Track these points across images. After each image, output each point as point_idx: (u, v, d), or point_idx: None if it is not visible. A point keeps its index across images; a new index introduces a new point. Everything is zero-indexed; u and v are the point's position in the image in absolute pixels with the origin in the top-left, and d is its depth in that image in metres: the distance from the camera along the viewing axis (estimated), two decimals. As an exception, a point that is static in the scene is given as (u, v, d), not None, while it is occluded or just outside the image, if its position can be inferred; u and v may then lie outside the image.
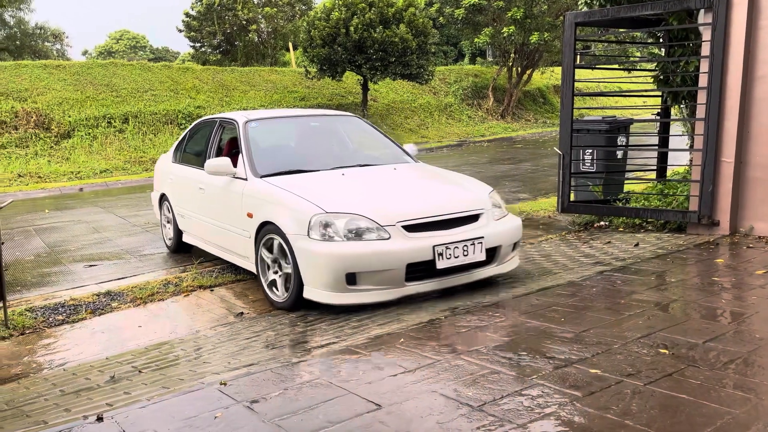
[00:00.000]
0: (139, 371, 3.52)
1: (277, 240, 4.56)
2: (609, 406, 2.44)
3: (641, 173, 7.85)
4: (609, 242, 5.87)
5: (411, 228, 4.31)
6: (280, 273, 4.65)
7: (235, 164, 5.32)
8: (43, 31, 32.07)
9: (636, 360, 2.91)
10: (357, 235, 4.23)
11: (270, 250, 4.68)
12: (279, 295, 4.65)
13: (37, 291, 5.52)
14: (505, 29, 21.26)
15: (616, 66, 12.92)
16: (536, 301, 4.03)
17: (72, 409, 2.93)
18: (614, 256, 5.26)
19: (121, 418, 2.60)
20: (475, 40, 23.24)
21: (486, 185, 5.16)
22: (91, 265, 6.34)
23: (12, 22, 28.87)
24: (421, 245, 4.24)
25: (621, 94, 6.88)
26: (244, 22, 27.26)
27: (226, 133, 5.97)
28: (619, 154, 7.38)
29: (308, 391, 2.77)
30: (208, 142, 6.03)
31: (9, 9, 26.42)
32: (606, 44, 14.99)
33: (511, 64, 23.81)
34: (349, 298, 4.21)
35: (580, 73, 6.48)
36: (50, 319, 4.71)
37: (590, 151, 7.21)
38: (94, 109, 16.63)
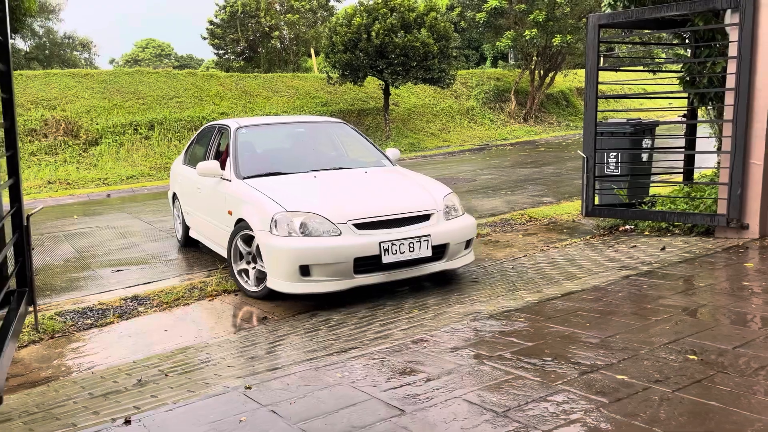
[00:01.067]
0: (166, 375, 3.56)
1: (250, 234, 5.09)
2: (636, 413, 2.41)
3: (667, 176, 7.74)
4: (634, 246, 5.79)
5: (361, 226, 4.77)
6: (254, 266, 5.19)
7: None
8: (71, 40, 32.75)
9: (664, 366, 2.87)
10: (311, 231, 4.73)
11: (247, 243, 5.21)
12: (250, 284, 5.22)
13: (66, 295, 5.63)
14: (527, 32, 21.14)
15: (640, 68, 12.76)
16: (561, 306, 3.99)
17: (100, 411, 2.98)
18: (640, 260, 5.19)
19: (149, 421, 2.64)
20: (497, 43, 23.15)
21: (445, 188, 5.54)
22: (118, 270, 6.45)
23: (41, 32, 29.54)
24: (368, 241, 4.69)
25: (646, 96, 6.80)
26: (267, 29, 27.53)
27: (224, 138, 6.40)
28: (645, 156, 7.28)
29: (332, 395, 2.78)
30: (209, 145, 6.60)
31: (38, 19, 27.04)
32: (630, 46, 14.83)
33: (533, 67, 23.66)
34: (303, 288, 4.71)
35: (603, 75, 6.41)
36: (79, 323, 4.80)
37: (614, 153, 7.13)
38: (121, 116, 16.93)
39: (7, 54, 2.97)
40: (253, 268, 5.20)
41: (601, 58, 6.84)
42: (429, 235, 4.89)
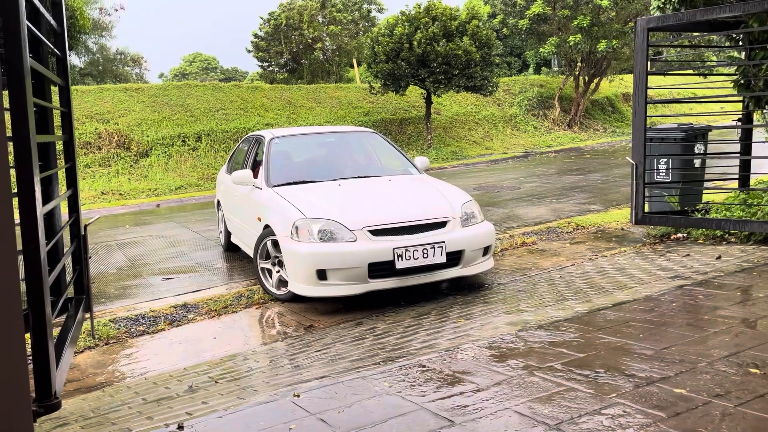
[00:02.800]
0: (215, 381, 3.62)
1: (275, 239, 5.30)
2: (697, 429, 2.32)
3: (721, 182, 7.48)
4: (688, 255, 5.61)
5: (376, 232, 4.93)
6: (278, 269, 5.40)
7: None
8: (123, 56, 33.91)
9: (724, 380, 2.75)
10: (328, 237, 4.93)
11: (275, 248, 5.40)
12: (273, 286, 5.45)
13: (119, 303, 5.79)
14: (571, 38, 20.85)
15: (690, 71, 12.42)
16: (612, 316, 3.89)
17: (154, 417, 3.05)
18: (694, 269, 5.02)
19: (200, 427, 2.68)
20: (540, 50, 22.90)
21: (465, 196, 5.66)
22: (168, 278, 6.60)
23: (95, 49, 30.69)
24: (382, 247, 4.85)
25: (697, 100, 6.60)
26: (310, 41, 27.94)
27: (260, 148, 6.62)
28: (697, 162, 7.06)
29: (380, 405, 2.77)
30: (247, 155, 6.88)
31: (92, 36, 28.12)
32: (678, 49, 14.46)
33: (577, 73, 23.30)
34: (320, 291, 4.91)
35: (651, 80, 6.26)
36: (132, 329, 4.92)
37: (665, 160, 6.94)
38: (170, 128, 17.41)
39: (65, 69, 3.08)
40: (277, 272, 5.41)
41: (650, 62, 6.67)
42: (443, 242, 4.99)
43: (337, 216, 5.01)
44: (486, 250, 5.36)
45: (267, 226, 5.48)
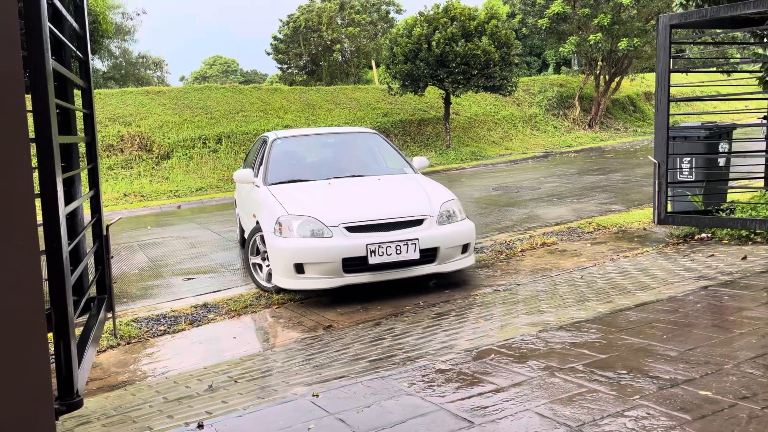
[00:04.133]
0: (235, 381, 3.63)
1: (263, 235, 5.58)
2: None
3: (747, 181, 7.35)
4: (712, 255, 5.51)
5: (352, 229, 5.16)
6: (267, 263, 5.61)
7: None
8: (145, 59, 34.35)
9: (751, 382, 2.69)
10: (306, 233, 5.18)
11: (263, 241, 5.63)
12: (263, 279, 5.71)
13: (141, 303, 5.85)
14: (591, 37, 20.63)
15: (713, 69, 12.22)
16: (634, 317, 3.83)
17: (174, 415, 3.07)
18: (719, 270, 4.93)
19: (220, 426, 2.69)
20: (560, 49, 22.70)
21: (448, 195, 5.78)
22: (189, 279, 6.66)
23: (117, 53, 31.12)
24: (355, 243, 5.07)
25: (721, 98, 6.48)
26: (329, 43, 28.03)
27: (266, 148, 6.87)
28: (721, 161, 6.94)
29: (399, 405, 2.75)
30: (257, 155, 7.06)
31: (114, 40, 28.52)
32: (701, 47, 14.24)
33: (598, 72, 23.05)
34: (298, 284, 5.18)
35: (673, 78, 6.16)
36: (153, 329, 4.97)
37: (688, 159, 6.82)
38: (191, 131, 17.58)
39: (88, 73, 3.12)
40: (267, 266, 5.64)
41: (672, 60, 6.57)
42: (417, 239, 5.17)
43: (316, 213, 5.26)
44: (465, 248, 5.53)
45: (258, 222, 5.80)
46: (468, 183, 13.68)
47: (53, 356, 2.06)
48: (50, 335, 2.00)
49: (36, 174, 1.88)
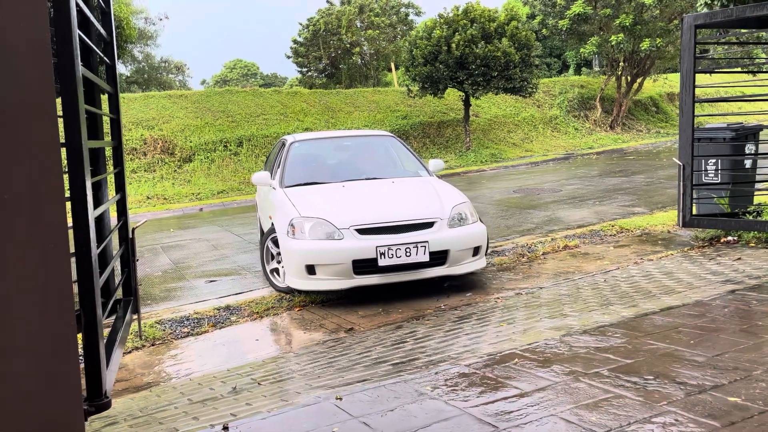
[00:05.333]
0: (258, 383, 3.65)
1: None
2: (753, 439, 2.23)
3: (774, 183, 7.21)
4: (739, 258, 5.41)
5: (362, 231, 5.22)
6: (283, 265, 5.64)
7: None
8: (167, 64, 34.78)
9: (781, 388, 2.64)
10: (318, 235, 5.24)
11: (277, 243, 5.70)
12: (280, 281, 5.77)
13: (165, 305, 5.91)
14: (613, 37, 20.43)
15: (738, 69, 12.01)
16: (660, 322, 3.78)
17: (200, 417, 3.09)
18: (746, 273, 4.84)
19: (245, 428, 2.71)
20: (581, 50, 22.51)
21: (460, 198, 5.79)
22: (211, 281, 6.71)
23: (140, 57, 31.55)
24: (365, 245, 5.12)
25: (747, 98, 6.37)
26: (348, 46, 28.13)
27: (285, 151, 6.98)
28: (748, 163, 6.81)
29: (423, 409, 2.74)
30: (276, 157, 7.13)
31: (138, 45, 28.92)
32: (726, 47, 14.03)
33: (620, 72, 22.81)
34: (309, 285, 5.26)
35: (698, 79, 6.07)
36: (177, 331, 5.02)
37: (714, 160, 6.72)
38: (212, 134, 17.74)
39: (114, 78, 3.16)
40: (283, 267, 5.69)
41: (696, 61, 6.48)
42: (427, 242, 5.19)
43: (328, 215, 5.33)
44: (476, 251, 5.53)
45: (273, 224, 5.89)
46: (488, 185, 13.62)
47: (82, 357, 2.08)
48: (79, 337, 2.03)
49: (66, 177, 1.91)
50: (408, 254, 5.14)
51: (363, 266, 5.13)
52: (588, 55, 23.07)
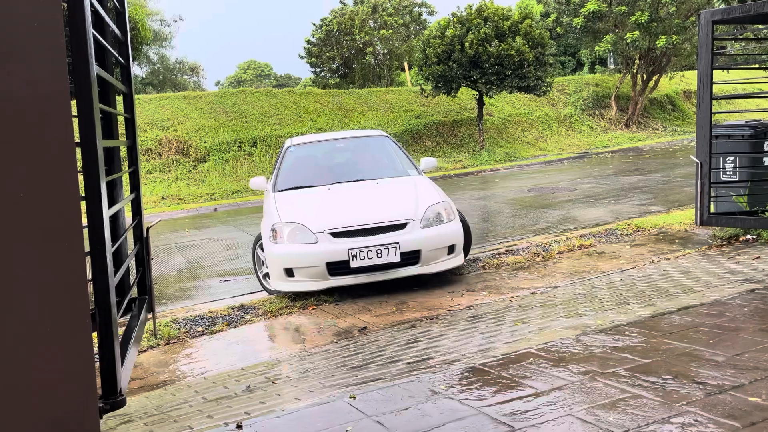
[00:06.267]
0: (272, 382, 3.66)
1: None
2: (774, 440, 2.19)
3: (794, 181, 7.08)
4: (758, 257, 5.33)
5: (336, 234, 5.41)
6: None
7: None
8: (182, 65, 35.03)
9: (803, 389, 2.59)
10: (295, 239, 5.45)
11: (262, 248, 5.90)
12: (269, 284, 5.87)
13: (179, 304, 5.95)
14: (628, 35, 20.25)
15: (756, 66, 11.84)
16: (678, 321, 3.73)
17: (214, 415, 3.10)
18: (766, 272, 4.77)
19: (259, 427, 2.71)
20: (596, 48, 22.34)
21: (436, 198, 5.82)
22: (225, 280, 6.74)
23: (155, 59, 31.80)
24: (338, 248, 5.32)
25: (766, 95, 6.27)
26: (361, 46, 28.15)
27: (281, 155, 7.12)
28: (767, 160, 6.71)
29: (437, 409, 2.73)
30: (278, 160, 7.17)
31: (153, 47, 29.15)
32: (744, 43, 13.84)
33: (635, 70, 22.60)
34: (288, 287, 5.48)
35: (715, 76, 5.99)
36: (191, 330, 5.05)
37: (732, 158, 6.62)
38: (226, 134, 17.84)
39: (129, 77, 3.18)
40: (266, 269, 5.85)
41: (714, 57, 6.39)
42: (398, 243, 5.35)
43: (305, 220, 5.53)
44: (451, 249, 5.63)
45: (262, 228, 6.06)
46: (502, 184, 13.55)
47: (97, 356, 2.09)
48: (94, 335, 2.04)
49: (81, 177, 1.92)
50: (379, 255, 5.31)
51: (337, 268, 5.33)
52: (603, 53, 22.90)
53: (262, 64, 54.74)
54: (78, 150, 1.94)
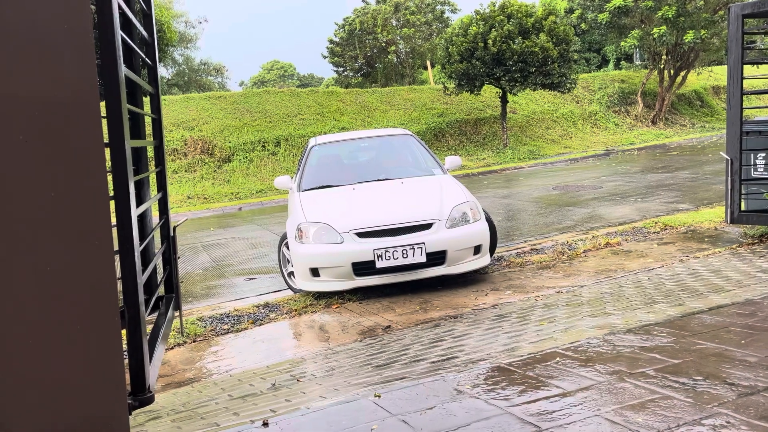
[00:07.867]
0: (297, 380, 3.68)
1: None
2: (810, 443, 2.13)
3: (829, 178, 6.89)
4: (792, 256, 5.21)
5: (362, 234, 5.38)
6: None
7: None
8: (206, 66, 35.42)
9: (840, 391, 2.52)
10: (321, 239, 5.44)
11: (288, 247, 5.89)
12: (294, 283, 5.87)
13: (205, 302, 6.01)
14: (655, 30, 19.92)
15: (789, 60, 11.55)
16: (708, 321, 3.66)
17: (240, 413, 3.13)
18: (800, 271, 4.65)
19: (284, 424, 2.72)
20: (622, 43, 22.02)
21: (461, 198, 5.78)
22: (250, 279, 6.80)
23: (180, 60, 32.20)
24: (363, 248, 5.29)
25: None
26: (384, 45, 28.15)
27: (306, 154, 7.14)
28: (800, 157, 6.54)
29: (462, 408, 2.71)
30: (300, 160, 7.19)
31: (178, 48, 29.52)
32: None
33: (662, 66, 22.22)
34: (314, 287, 5.48)
35: (745, 71, 5.86)
36: (217, 328, 5.10)
37: (763, 154, 6.47)
38: (251, 134, 17.99)
39: (156, 78, 3.22)
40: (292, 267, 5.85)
41: (744, 51, 6.25)
42: (423, 243, 5.30)
43: (330, 220, 5.52)
44: (477, 249, 5.58)
45: (288, 228, 6.06)
46: (526, 182, 13.44)
47: (126, 353, 2.12)
48: (123, 333, 2.07)
49: (110, 177, 1.94)
50: (405, 256, 5.28)
51: (362, 268, 5.31)
52: (629, 48, 22.55)
53: (285, 64, 55.06)
54: (107, 150, 1.97)
